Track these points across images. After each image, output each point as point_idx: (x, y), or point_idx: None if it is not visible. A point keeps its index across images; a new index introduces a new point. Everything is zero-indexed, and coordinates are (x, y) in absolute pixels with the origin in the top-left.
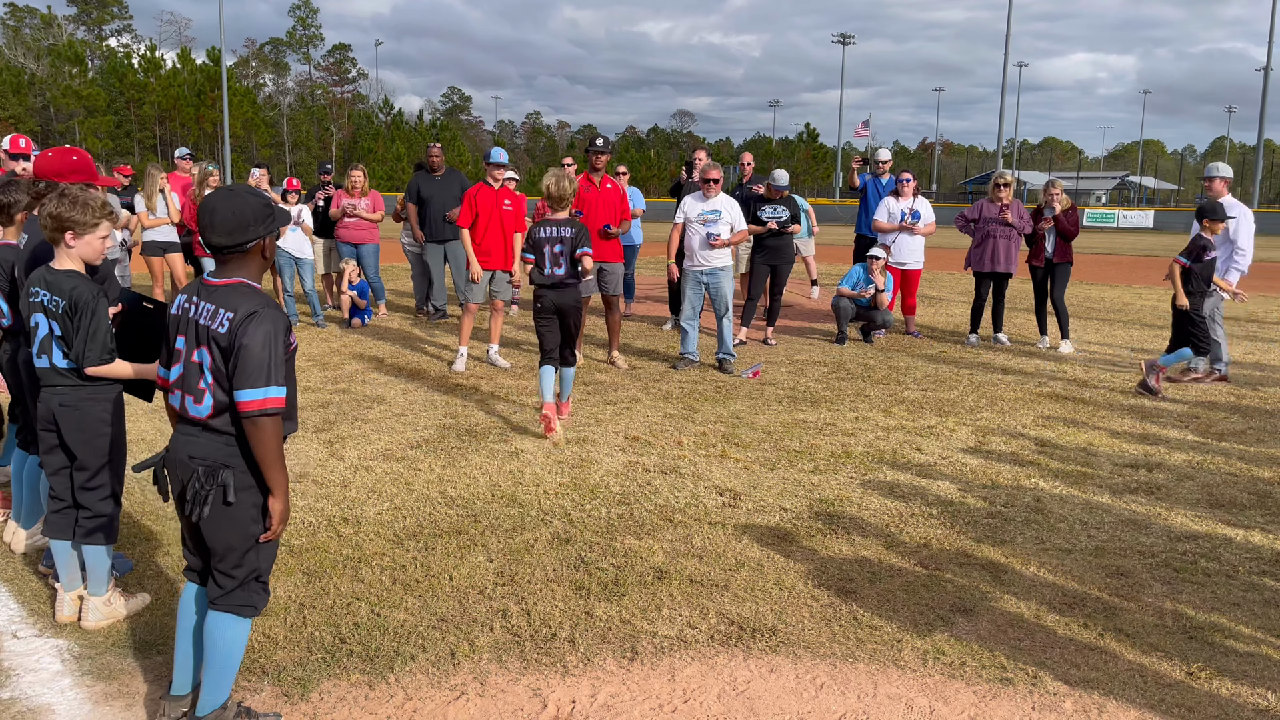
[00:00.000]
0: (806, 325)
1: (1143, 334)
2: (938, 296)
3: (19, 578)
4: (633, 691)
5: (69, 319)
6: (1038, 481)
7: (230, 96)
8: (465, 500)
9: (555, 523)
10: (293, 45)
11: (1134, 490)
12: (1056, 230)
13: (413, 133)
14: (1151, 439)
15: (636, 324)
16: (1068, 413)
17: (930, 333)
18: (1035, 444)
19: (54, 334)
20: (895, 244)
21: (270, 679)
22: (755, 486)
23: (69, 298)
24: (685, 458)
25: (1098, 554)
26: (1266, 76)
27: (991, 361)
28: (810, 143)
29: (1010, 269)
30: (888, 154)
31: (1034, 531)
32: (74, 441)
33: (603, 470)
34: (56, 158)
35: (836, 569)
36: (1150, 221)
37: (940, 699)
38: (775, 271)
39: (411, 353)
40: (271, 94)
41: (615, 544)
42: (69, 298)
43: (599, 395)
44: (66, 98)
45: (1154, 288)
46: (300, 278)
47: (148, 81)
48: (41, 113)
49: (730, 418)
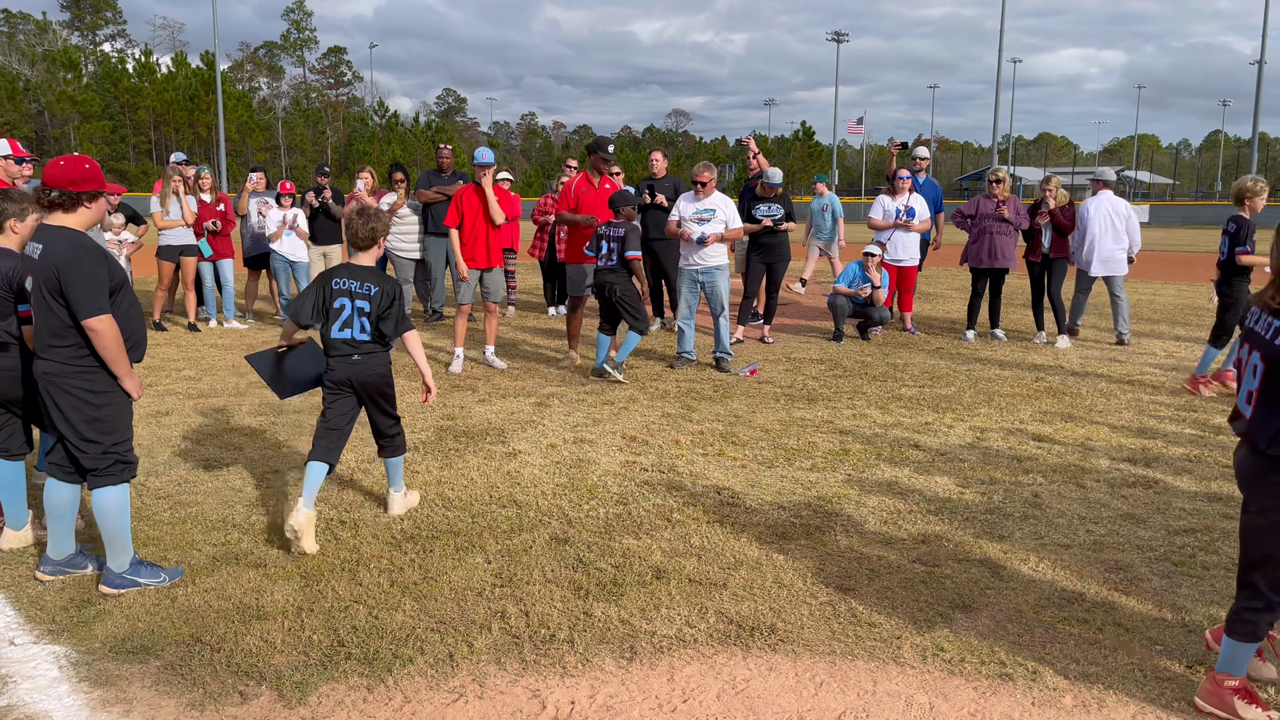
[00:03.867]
0: (803, 323)
1: (1139, 326)
2: (934, 293)
3: (15, 584)
4: (632, 692)
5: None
6: (1035, 477)
7: (225, 100)
8: (463, 502)
9: (553, 523)
10: (287, 49)
11: (1132, 484)
12: (1053, 225)
13: (408, 134)
14: (1149, 433)
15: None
16: (1065, 408)
17: (927, 329)
18: (1033, 439)
19: (364, 313)
20: (891, 241)
21: (268, 683)
22: (753, 485)
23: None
24: (683, 457)
25: (1096, 549)
26: (1261, 70)
27: (989, 357)
28: (806, 140)
29: (1007, 265)
30: (926, 152)
31: (1032, 527)
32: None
33: (600, 470)
34: (69, 166)
35: (835, 566)
36: (1146, 216)
37: (940, 695)
38: (771, 270)
39: (405, 356)
40: (266, 97)
41: (613, 544)
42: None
43: (596, 395)
44: (61, 103)
45: (1150, 281)
46: (295, 281)
47: (142, 86)
48: (36, 118)
49: (728, 416)
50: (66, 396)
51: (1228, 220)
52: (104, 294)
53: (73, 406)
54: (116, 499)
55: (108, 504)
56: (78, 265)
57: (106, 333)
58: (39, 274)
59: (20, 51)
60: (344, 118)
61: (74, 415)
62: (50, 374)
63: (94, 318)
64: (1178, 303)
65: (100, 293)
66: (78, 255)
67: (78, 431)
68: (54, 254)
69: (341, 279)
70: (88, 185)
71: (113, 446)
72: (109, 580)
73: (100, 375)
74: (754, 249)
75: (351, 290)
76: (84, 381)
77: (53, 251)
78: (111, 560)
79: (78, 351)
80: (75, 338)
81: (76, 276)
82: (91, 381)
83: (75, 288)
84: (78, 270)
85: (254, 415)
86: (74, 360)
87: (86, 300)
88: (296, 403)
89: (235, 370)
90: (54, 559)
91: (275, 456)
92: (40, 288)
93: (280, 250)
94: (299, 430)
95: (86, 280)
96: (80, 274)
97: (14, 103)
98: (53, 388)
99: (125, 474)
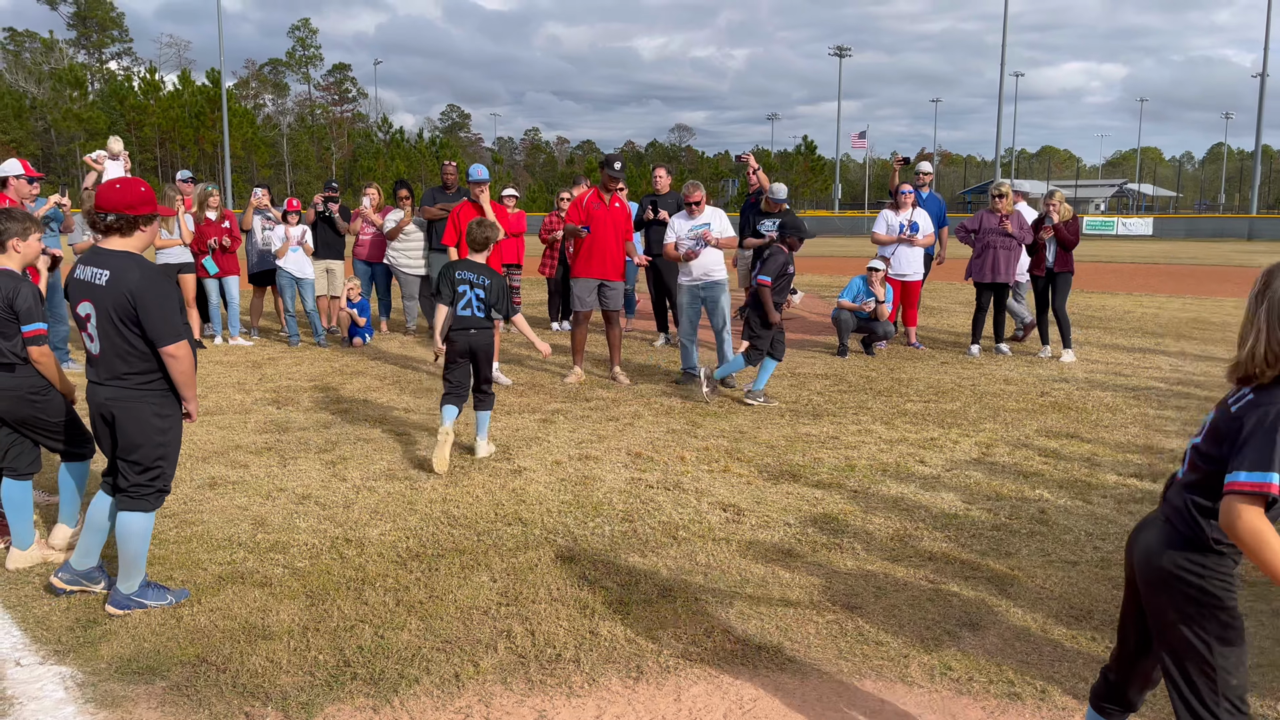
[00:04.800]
0: (808, 338)
1: (1144, 340)
2: (938, 306)
3: (21, 605)
4: (638, 712)
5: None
6: (1042, 493)
7: (230, 117)
8: (468, 519)
9: (559, 541)
10: (292, 66)
11: (1138, 500)
12: (1057, 240)
13: (412, 151)
14: (1155, 449)
15: (636, 341)
16: (1070, 423)
17: (932, 343)
18: (1039, 455)
19: (480, 299)
20: (895, 256)
21: (274, 704)
22: (759, 501)
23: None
24: (688, 473)
25: (1103, 565)
26: (1263, 83)
27: (994, 372)
28: (809, 155)
29: (1011, 279)
30: (929, 166)
31: (1039, 544)
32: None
33: (606, 487)
34: (125, 190)
35: (841, 584)
36: (1150, 229)
37: (948, 715)
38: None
39: (413, 372)
40: (271, 114)
41: (619, 562)
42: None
43: (601, 411)
44: (67, 121)
45: (1154, 295)
46: (301, 297)
47: (148, 104)
48: (43, 136)
49: (733, 432)
50: (133, 420)
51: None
52: (179, 320)
53: (138, 430)
54: (144, 523)
55: (135, 527)
56: (154, 293)
57: (184, 358)
58: (108, 301)
59: (27, 69)
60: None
61: (139, 437)
62: (116, 399)
63: (173, 344)
64: (1183, 316)
65: (176, 319)
66: (153, 283)
67: (139, 453)
68: (127, 281)
69: (463, 271)
70: (144, 209)
71: (159, 473)
72: (115, 600)
73: (168, 398)
74: (757, 264)
75: (470, 280)
76: (152, 405)
77: (125, 279)
78: (122, 581)
79: (147, 377)
80: (145, 363)
81: (153, 304)
82: (158, 405)
83: (153, 315)
84: (154, 298)
85: (259, 433)
86: (143, 385)
87: (164, 328)
88: (301, 419)
89: (240, 387)
90: (75, 568)
91: (281, 474)
92: (109, 315)
93: (286, 267)
94: (304, 448)
95: (163, 308)
96: (157, 301)
97: (20, 120)
98: (119, 411)
99: (158, 501)
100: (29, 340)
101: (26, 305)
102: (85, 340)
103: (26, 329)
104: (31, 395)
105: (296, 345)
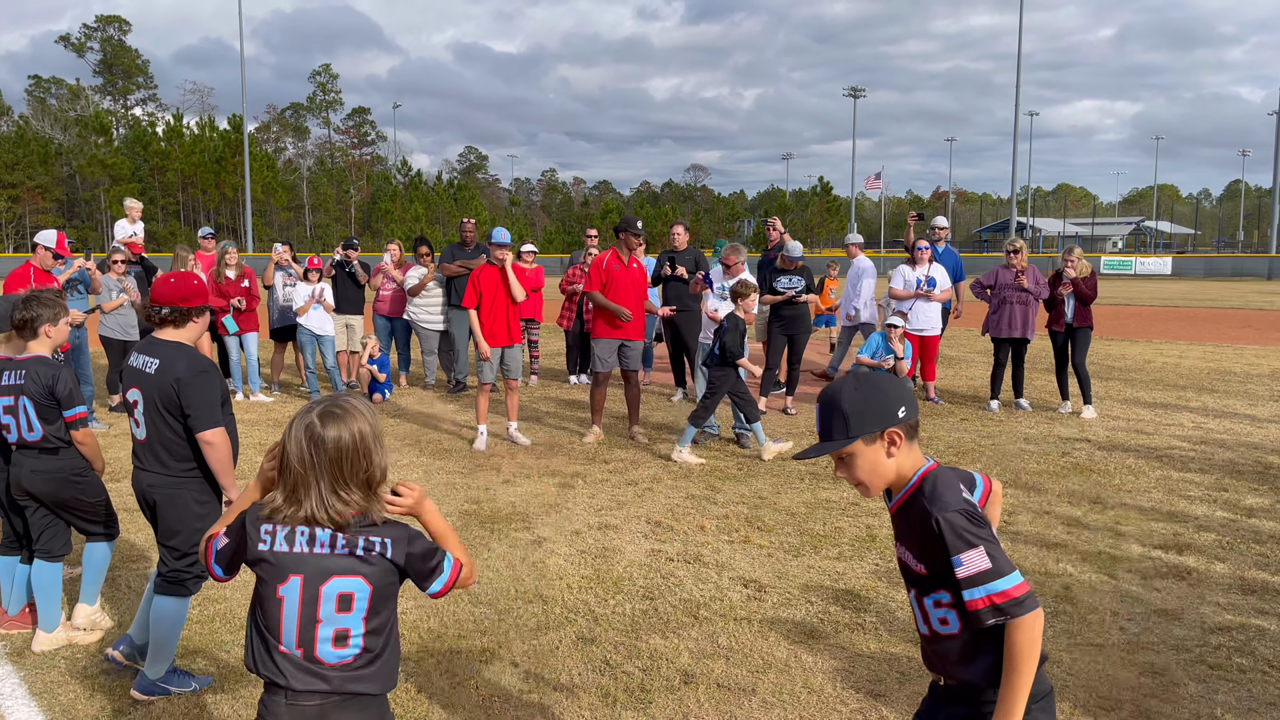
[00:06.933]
0: None
1: (1166, 394)
2: (957, 356)
3: (48, 691)
4: None
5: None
6: (1066, 567)
7: (250, 161)
8: (489, 597)
9: (580, 620)
10: (313, 110)
11: (1164, 575)
12: (1075, 295)
13: (430, 193)
14: (1179, 516)
15: (654, 395)
16: (1093, 487)
17: (951, 398)
18: (1062, 523)
19: None
20: (912, 311)
21: None
22: (780, 576)
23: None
24: (709, 544)
25: (1130, 649)
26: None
27: (1014, 429)
28: (824, 195)
29: (1028, 335)
30: (944, 221)
31: (1064, 624)
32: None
33: (626, 560)
34: (179, 284)
35: (865, 668)
36: (1168, 268)
37: None
38: (793, 341)
39: (433, 431)
40: (292, 157)
41: (640, 644)
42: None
43: (620, 475)
44: (92, 166)
45: (1175, 342)
46: (321, 354)
47: (171, 149)
48: (68, 182)
49: (753, 498)
50: (174, 507)
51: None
52: (219, 409)
53: (178, 516)
54: (178, 608)
55: (169, 611)
56: (200, 383)
57: (220, 445)
58: (155, 389)
59: (53, 116)
60: (368, 176)
61: (178, 524)
62: (157, 485)
63: (209, 430)
64: (1204, 366)
65: (217, 408)
66: (200, 374)
67: (178, 539)
68: (175, 371)
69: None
70: (196, 301)
71: (197, 559)
72: (141, 686)
73: (206, 485)
74: (775, 320)
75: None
76: (193, 493)
77: (173, 369)
78: (150, 666)
79: (187, 464)
80: (187, 452)
81: (195, 392)
82: (199, 493)
83: (193, 402)
84: (199, 388)
85: None
86: (185, 473)
87: (203, 414)
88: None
89: (261, 448)
90: (136, 641)
91: None
92: (155, 403)
93: (307, 324)
94: None
95: (205, 396)
96: (201, 392)
97: (46, 166)
98: (160, 497)
99: (196, 587)
100: (71, 424)
101: (66, 390)
102: (131, 425)
103: (69, 413)
104: (74, 477)
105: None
